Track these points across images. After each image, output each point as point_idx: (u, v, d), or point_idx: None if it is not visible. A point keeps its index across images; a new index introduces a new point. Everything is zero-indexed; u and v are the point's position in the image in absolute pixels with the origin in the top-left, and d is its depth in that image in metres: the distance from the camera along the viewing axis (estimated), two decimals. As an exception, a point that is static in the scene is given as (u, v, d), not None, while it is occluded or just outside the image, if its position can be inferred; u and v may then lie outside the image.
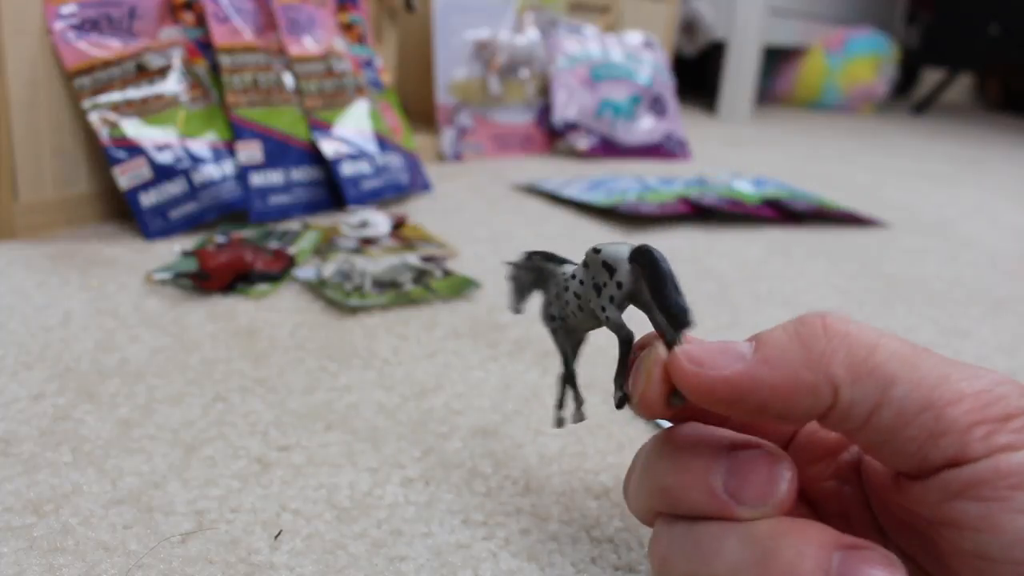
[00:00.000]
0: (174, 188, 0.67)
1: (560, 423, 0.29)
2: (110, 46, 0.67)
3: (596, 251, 0.25)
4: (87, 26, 0.66)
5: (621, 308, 0.25)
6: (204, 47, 0.73)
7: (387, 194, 0.81)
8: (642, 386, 0.23)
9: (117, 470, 0.34)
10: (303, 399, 0.41)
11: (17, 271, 0.56)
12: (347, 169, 0.78)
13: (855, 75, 2.07)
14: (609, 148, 1.21)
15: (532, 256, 0.29)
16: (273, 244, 0.63)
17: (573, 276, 0.26)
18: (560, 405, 0.29)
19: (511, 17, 1.16)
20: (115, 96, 0.66)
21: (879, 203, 1.01)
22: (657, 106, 1.28)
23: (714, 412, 0.23)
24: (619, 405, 0.25)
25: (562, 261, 0.28)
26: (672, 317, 0.23)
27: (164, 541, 0.30)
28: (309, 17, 0.81)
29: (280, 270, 0.58)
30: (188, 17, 0.72)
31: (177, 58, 0.70)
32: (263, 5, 0.77)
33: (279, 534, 0.31)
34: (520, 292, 0.29)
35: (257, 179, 0.72)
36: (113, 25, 0.67)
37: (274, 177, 0.73)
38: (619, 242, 0.25)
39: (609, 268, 0.25)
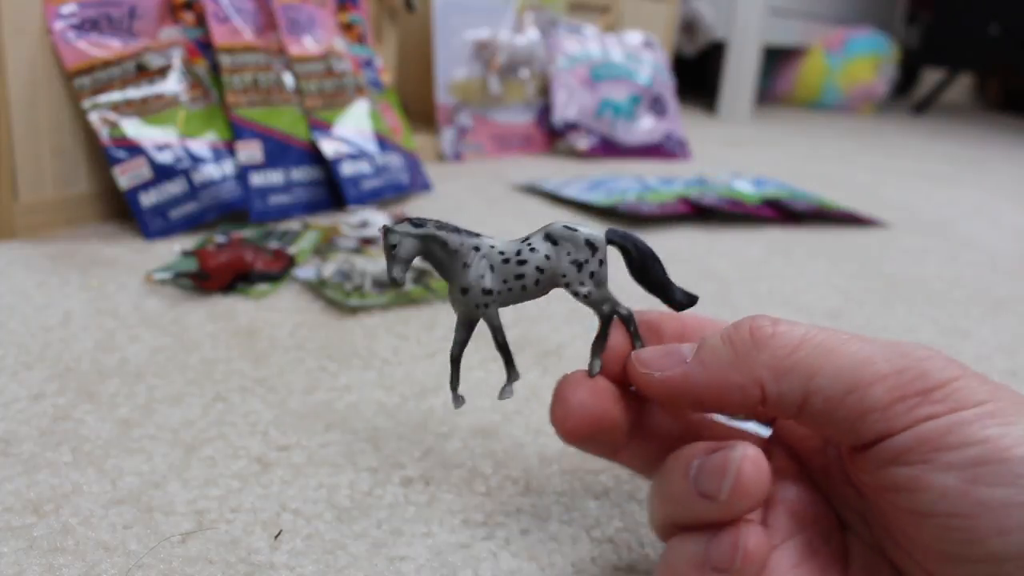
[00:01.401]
0: (174, 188, 0.67)
1: (460, 402, 0.29)
2: (110, 46, 0.67)
3: (571, 229, 0.27)
4: (87, 26, 0.66)
5: (599, 286, 0.27)
6: (204, 47, 0.73)
7: (387, 194, 0.81)
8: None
9: (117, 470, 0.34)
10: (303, 399, 0.41)
11: (17, 271, 0.56)
12: (347, 169, 0.78)
13: (855, 75, 2.07)
14: (609, 148, 1.21)
15: (423, 223, 0.27)
16: (273, 244, 0.63)
17: (532, 249, 0.27)
18: (456, 385, 0.29)
19: (511, 17, 1.16)
20: (115, 96, 0.66)
21: (879, 203, 1.01)
22: (657, 106, 1.28)
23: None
24: (592, 373, 0.27)
25: (460, 231, 0.27)
26: (673, 302, 0.26)
27: (164, 541, 0.30)
28: (309, 17, 0.81)
29: (280, 270, 0.58)
30: (188, 17, 0.72)
31: (177, 58, 0.70)
32: (263, 5, 0.77)
33: (279, 534, 0.31)
34: (403, 261, 0.27)
35: (257, 179, 0.72)
36: (113, 25, 0.67)
37: (274, 177, 0.73)
38: (580, 223, 0.26)
39: (592, 246, 0.27)
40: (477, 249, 0.27)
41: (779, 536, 0.25)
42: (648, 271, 0.28)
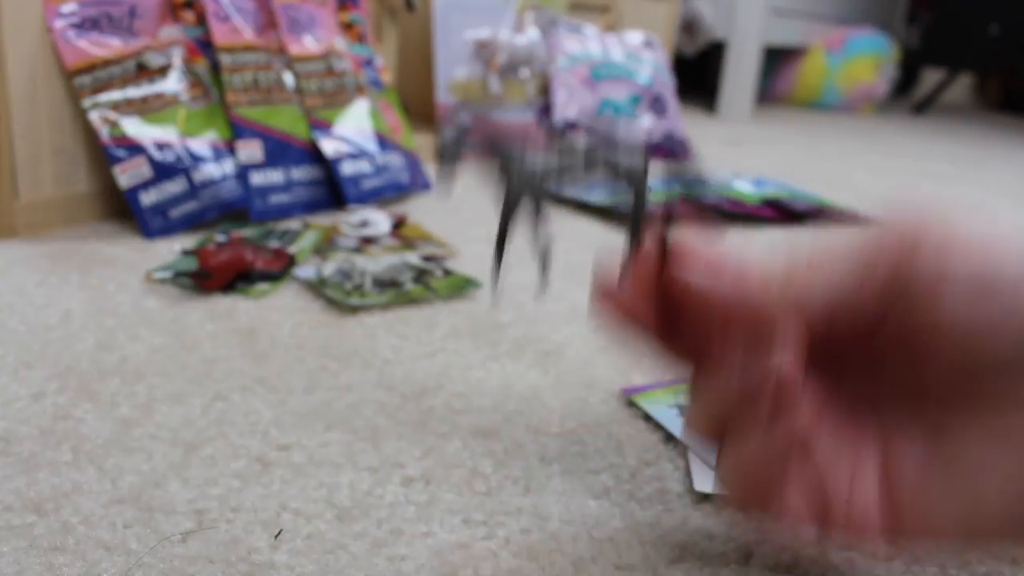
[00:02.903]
0: (174, 187, 0.67)
1: (498, 295, 0.30)
2: (110, 45, 0.67)
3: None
4: (87, 25, 0.66)
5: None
6: (204, 46, 0.72)
7: (387, 193, 0.81)
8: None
9: (117, 469, 0.34)
10: (303, 398, 0.41)
11: (17, 270, 0.56)
12: (347, 168, 0.78)
13: (855, 75, 2.07)
14: (609, 148, 1.21)
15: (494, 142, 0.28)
16: (273, 243, 0.63)
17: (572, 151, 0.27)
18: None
19: (511, 17, 1.16)
20: (115, 95, 0.66)
21: (879, 202, 1.01)
22: (657, 106, 1.28)
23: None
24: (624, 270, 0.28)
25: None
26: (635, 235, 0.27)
27: (164, 540, 0.30)
28: (309, 16, 0.81)
29: (280, 269, 0.58)
30: (188, 16, 0.72)
31: (177, 57, 0.70)
32: (263, 4, 0.77)
33: (279, 533, 0.31)
34: (453, 165, 0.28)
35: (257, 178, 0.72)
36: (113, 24, 0.67)
37: (274, 176, 0.73)
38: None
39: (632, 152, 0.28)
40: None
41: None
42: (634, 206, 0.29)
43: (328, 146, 0.77)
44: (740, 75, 1.75)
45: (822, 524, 0.27)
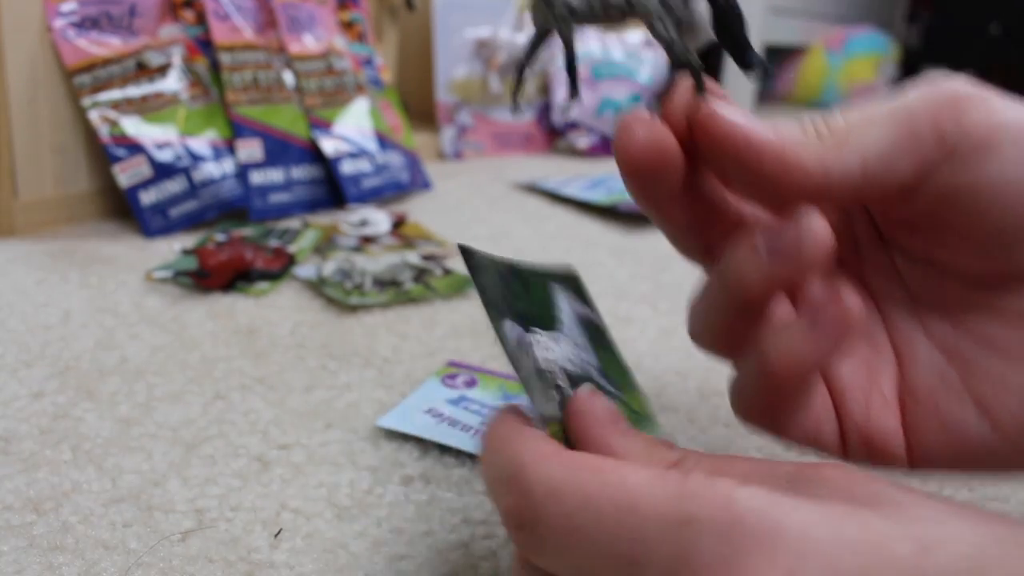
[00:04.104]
0: (174, 186, 0.67)
1: (518, 110, 0.29)
2: (110, 44, 0.67)
3: None
4: (87, 24, 0.66)
5: (679, 28, 0.27)
6: (204, 45, 0.72)
7: (387, 192, 0.81)
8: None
9: (117, 468, 0.34)
10: (303, 397, 0.41)
11: (17, 269, 0.56)
12: (347, 167, 0.78)
13: (855, 74, 2.07)
14: (609, 147, 1.21)
15: None
16: (273, 242, 0.63)
17: None
18: (519, 91, 0.29)
19: (511, 15, 1.16)
20: (115, 94, 0.66)
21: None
22: (657, 105, 1.28)
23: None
24: (651, 110, 0.25)
25: None
26: (745, 63, 0.26)
27: (164, 539, 0.30)
28: (309, 15, 0.80)
29: (280, 268, 0.58)
30: (188, 15, 0.72)
31: (177, 56, 0.70)
32: (263, 3, 0.77)
33: (279, 533, 0.31)
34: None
35: (257, 177, 0.72)
36: (113, 23, 0.67)
37: (274, 175, 0.73)
38: None
39: None
40: None
41: None
42: (731, 27, 0.27)
43: (328, 145, 0.77)
44: (740, 74, 1.75)
45: (837, 451, 0.25)
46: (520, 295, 0.27)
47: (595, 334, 0.29)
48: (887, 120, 0.23)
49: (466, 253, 0.27)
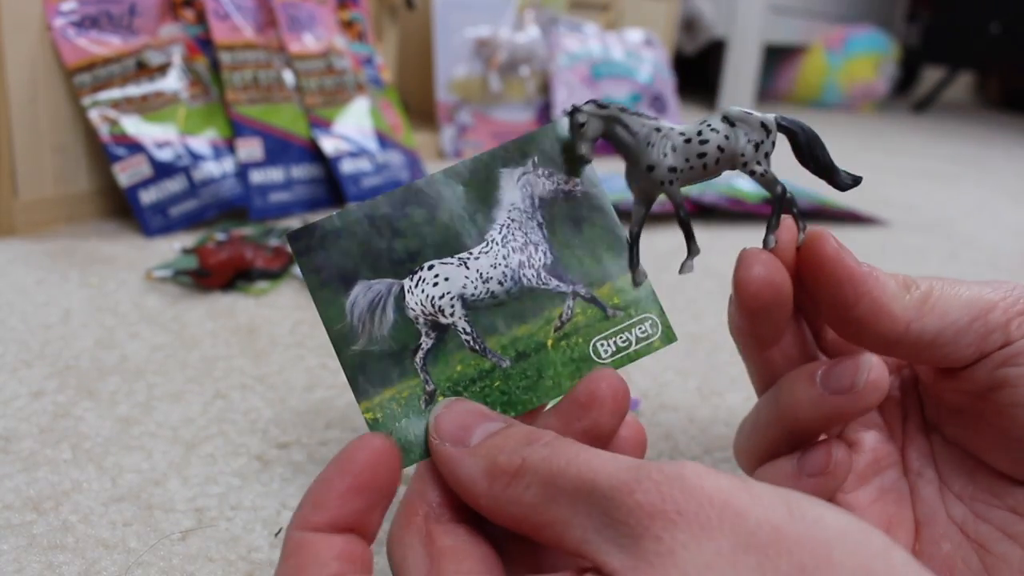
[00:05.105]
0: (174, 185, 0.67)
1: (642, 277, 0.30)
2: (110, 43, 0.67)
3: (747, 112, 0.28)
4: (87, 23, 0.66)
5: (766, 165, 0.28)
6: (204, 44, 0.72)
7: (387, 191, 0.81)
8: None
9: (117, 467, 0.34)
10: (303, 396, 0.41)
11: (17, 268, 0.56)
12: (347, 166, 0.78)
13: (855, 73, 2.07)
14: (609, 146, 1.21)
15: (607, 106, 0.29)
16: (273, 241, 0.63)
17: (712, 129, 0.28)
18: (636, 263, 0.30)
19: (511, 15, 1.16)
20: (115, 93, 0.66)
21: (880, 201, 1.01)
22: (657, 104, 1.28)
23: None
24: (767, 247, 0.28)
25: (640, 114, 0.29)
26: (838, 183, 0.28)
27: (164, 539, 0.30)
28: (309, 14, 0.80)
29: (280, 267, 0.58)
30: (188, 14, 0.72)
31: (177, 55, 0.70)
32: (263, 2, 0.77)
33: (279, 532, 0.31)
34: (589, 139, 0.29)
35: (257, 176, 0.72)
36: (113, 22, 0.67)
37: (274, 174, 0.73)
38: (750, 108, 0.28)
39: (766, 129, 0.28)
40: (658, 130, 0.28)
41: (861, 476, 0.28)
42: (815, 154, 0.29)
43: (328, 144, 0.77)
44: (740, 73, 1.75)
45: None
46: (408, 231, 0.27)
47: (569, 212, 0.30)
48: (969, 306, 0.26)
49: (295, 237, 0.26)
